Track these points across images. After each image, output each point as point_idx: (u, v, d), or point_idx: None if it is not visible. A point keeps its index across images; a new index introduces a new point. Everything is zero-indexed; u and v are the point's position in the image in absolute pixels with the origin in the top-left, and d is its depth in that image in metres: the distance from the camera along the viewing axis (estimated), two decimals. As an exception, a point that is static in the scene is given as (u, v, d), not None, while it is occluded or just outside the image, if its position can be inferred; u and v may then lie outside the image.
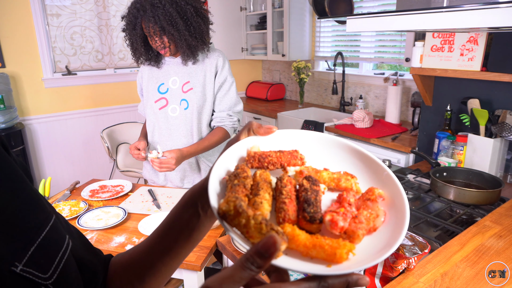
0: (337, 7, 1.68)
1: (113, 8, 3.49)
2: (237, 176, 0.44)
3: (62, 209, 1.66)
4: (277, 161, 0.48)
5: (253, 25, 4.14)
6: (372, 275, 0.99)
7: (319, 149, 0.53)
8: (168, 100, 1.84)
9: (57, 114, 3.39)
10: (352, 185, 0.48)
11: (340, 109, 3.39)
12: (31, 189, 0.43)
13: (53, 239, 0.43)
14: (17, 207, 0.40)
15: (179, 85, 1.83)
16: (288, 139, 0.53)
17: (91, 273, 0.50)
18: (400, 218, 0.42)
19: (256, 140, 0.51)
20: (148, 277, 0.55)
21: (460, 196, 1.47)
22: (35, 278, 0.38)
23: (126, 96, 3.72)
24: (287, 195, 0.44)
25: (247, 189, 0.43)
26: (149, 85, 1.89)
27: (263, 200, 0.43)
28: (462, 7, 0.83)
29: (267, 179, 0.47)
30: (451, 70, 1.88)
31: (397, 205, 0.44)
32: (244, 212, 0.37)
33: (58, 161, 3.47)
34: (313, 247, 0.38)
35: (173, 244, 0.53)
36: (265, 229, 0.36)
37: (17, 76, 3.13)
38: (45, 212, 0.43)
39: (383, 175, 0.48)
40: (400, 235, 0.40)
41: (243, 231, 0.37)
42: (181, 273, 1.40)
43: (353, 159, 0.52)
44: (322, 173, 0.49)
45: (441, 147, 1.90)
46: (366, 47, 3.27)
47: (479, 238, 1.16)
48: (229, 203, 0.37)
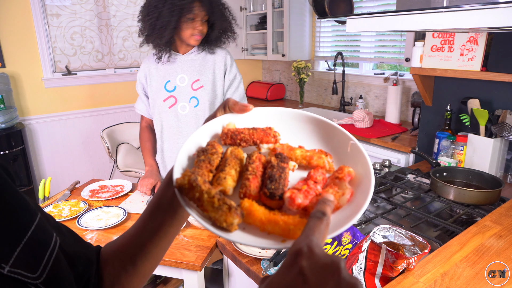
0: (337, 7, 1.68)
1: (113, 8, 3.49)
2: (204, 152, 0.46)
3: (62, 209, 1.66)
4: (250, 138, 0.49)
5: (253, 25, 4.14)
6: (372, 275, 0.99)
7: (296, 126, 0.53)
8: (177, 98, 1.83)
9: (57, 114, 3.39)
10: (324, 162, 0.48)
11: (340, 109, 3.39)
12: (13, 189, 0.42)
13: (40, 239, 0.42)
14: (0, 209, 0.39)
15: (188, 83, 1.82)
16: (266, 117, 0.53)
17: (84, 265, 0.51)
18: (363, 196, 0.42)
19: (233, 117, 0.51)
20: (139, 259, 0.56)
21: (460, 196, 1.47)
22: (24, 278, 0.38)
23: (126, 96, 3.72)
24: (252, 171, 0.44)
25: (212, 165, 0.44)
26: (153, 83, 1.86)
27: (227, 175, 0.43)
28: (462, 7, 0.83)
29: (238, 156, 0.47)
30: (451, 70, 1.88)
31: (364, 182, 0.44)
32: (198, 186, 0.38)
33: (58, 161, 3.47)
34: (268, 222, 0.39)
35: (161, 224, 0.54)
36: (217, 203, 0.37)
37: (17, 76, 3.13)
38: (29, 212, 0.43)
39: (354, 149, 0.48)
40: (359, 211, 0.40)
41: (198, 204, 0.39)
42: (181, 273, 1.40)
43: (328, 135, 0.51)
44: (295, 151, 0.49)
45: (441, 147, 1.90)
46: (366, 47, 3.27)
47: (479, 238, 1.15)
48: (185, 177, 0.39)
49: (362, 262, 0.99)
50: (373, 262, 0.98)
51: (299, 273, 0.30)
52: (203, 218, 0.39)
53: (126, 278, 0.56)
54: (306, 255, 0.31)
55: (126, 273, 0.56)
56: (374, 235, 1.02)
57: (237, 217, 0.38)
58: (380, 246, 0.97)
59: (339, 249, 1.08)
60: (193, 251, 1.40)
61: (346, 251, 1.07)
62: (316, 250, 0.31)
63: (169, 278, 1.92)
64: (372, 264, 0.99)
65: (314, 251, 0.31)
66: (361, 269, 0.99)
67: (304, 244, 0.32)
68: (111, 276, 0.56)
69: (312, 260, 0.31)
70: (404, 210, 1.47)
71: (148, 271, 0.58)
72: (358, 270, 0.99)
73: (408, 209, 1.46)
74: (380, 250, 0.97)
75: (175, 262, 1.35)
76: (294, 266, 0.31)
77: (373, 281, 0.99)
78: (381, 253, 0.97)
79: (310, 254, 0.31)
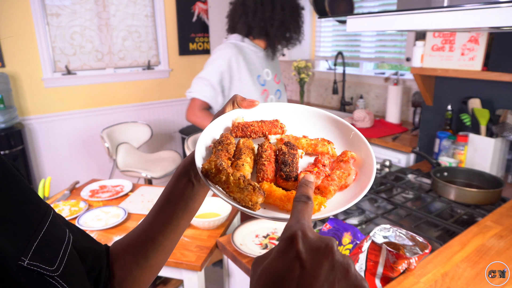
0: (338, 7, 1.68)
1: (113, 8, 3.49)
2: (221, 143, 0.49)
3: (62, 209, 1.65)
4: (259, 130, 0.53)
5: (253, 25, 4.14)
6: (373, 275, 0.99)
7: (299, 119, 0.58)
8: (269, 92, 1.98)
9: (57, 114, 3.38)
10: (328, 149, 0.52)
11: (341, 109, 3.39)
12: (26, 186, 0.44)
13: (55, 234, 0.44)
14: (15, 205, 0.41)
15: (271, 77, 2.01)
16: (271, 111, 0.58)
17: (94, 260, 0.52)
18: (368, 175, 0.47)
19: (240, 112, 0.56)
20: (151, 252, 0.57)
21: (461, 196, 1.47)
22: (43, 271, 0.39)
23: (126, 96, 3.71)
24: (266, 158, 0.49)
25: (229, 153, 0.48)
26: (243, 75, 1.86)
27: (244, 162, 0.48)
28: (462, 7, 0.83)
29: (250, 146, 0.52)
30: (452, 69, 1.88)
31: (366, 164, 0.50)
32: (224, 169, 0.42)
33: (58, 161, 3.46)
34: (288, 200, 0.43)
35: (171, 216, 0.56)
36: (243, 184, 0.41)
37: (17, 76, 3.13)
38: (42, 208, 0.45)
39: (354, 138, 0.54)
40: (366, 187, 0.45)
41: (223, 187, 0.43)
42: (181, 273, 1.40)
43: (330, 126, 0.57)
44: (301, 140, 0.54)
45: (442, 147, 1.90)
46: (367, 46, 3.27)
47: (480, 238, 1.15)
48: (211, 163, 0.43)
49: (363, 262, 0.99)
50: (374, 262, 0.98)
51: (295, 257, 0.31)
52: (228, 198, 0.42)
53: (138, 272, 0.58)
54: (301, 239, 0.32)
55: (138, 266, 0.58)
56: (375, 235, 1.01)
57: (261, 196, 0.41)
58: (381, 246, 0.96)
59: (340, 249, 1.08)
60: (193, 251, 1.39)
61: (347, 251, 1.06)
62: (309, 234, 0.32)
63: (169, 278, 1.92)
64: (372, 264, 0.98)
65: (307, 235, 0.32)
66: (362, 269, 0.99)
67: (297, 228, 0.33)
68: (122, 270, 0.57)
69: (307, 244, 0.32)
70: (405, 210, 1.47)
71: (160, 263, 0.60)
72: (358, 270, 0.98)
73: (409, 209, 1.46)
74: (380, 250, 0.97)
75: (175, 262, 1.34)
76: (291, 250, 0.31)
77: (373, 281, 0.98)
78: (381, 253, 0.96)
79: (304, 238, 0.32)
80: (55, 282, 0.40)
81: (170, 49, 3.83)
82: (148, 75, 3.78)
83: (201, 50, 3.97)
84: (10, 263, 0.37)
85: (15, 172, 0.44)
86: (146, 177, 2.84)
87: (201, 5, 3.91)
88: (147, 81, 3.80)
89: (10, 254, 0.37)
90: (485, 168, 1.73)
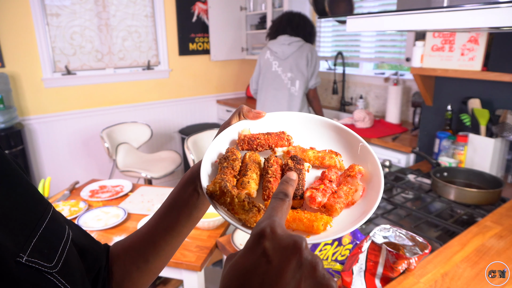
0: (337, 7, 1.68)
1: (112, 8, 3.48)
2: (226, 159, 0.49)
3: (61, 209, 1.65)
4: (265, 143, 0.52)
5: (253, 25, 4.14)
6: (373, 276, 0.99)
7: (306, 128, 0.57)
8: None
9: (57, 114, 3.38)
10: (335, 162, 0.51)
11: (341, 109, 3.39)
12: (27, 182, 0.44)
13: (54, 230, 0.44)
14: (15, 201, 0.41)
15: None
16: (278, 121, 0.57)
17: (93, 259, 0.52)
18: (376, 190, 0.46)
19: (246, 123, 0.55)
20: (152, 256, 0.57)
21: (461, 196, 1.47)
22: (41, 267, 0.39)
23: (126, 96, 3.71)
24: (272, 174, 0.48)
25: (235, 170, 0.48)
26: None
27: (250, 179, 0.47)
28: (462, 7, 0.83)
29: (256, 160, 0.51)
30: (452, 70, 1.88)
31: (374, 178, 0.49)
32: (229, 191, 0.42)
33: (58, 161, 3.46)
34: (293, 220, 0.42)
35: (175, 223, 0.56)
36: (247, 206, 0.41)
37: (17, 76, 3.13)
38: (43, 204, 0.45)
39: (362, 150, 0.53)
40: (374, 205, 0.44)
41: (228, 208, 0.43)
42: (181, 273, 1.40)
43: (337, 136, 0.56)
44: (308, 152, 0.53)
45: (441, 147, 1.90)
46: (367, 47, 3.27)
47: (480, 238, 1.15)
48: (215, 184, 0.43)
49: (363, 262, 0.99)
50: (374, 262, 0.98)
51: (262, 254, 0.31)
52: (233, 219, 0.42)
53: (137, 274, 0.58)
54: (269, 236, 0.31)
55: (137, 269, 0.58)
56: (375, 235, 1.01)
57: None
58: (381, 247, 0.96)
59: (340, 249, 1.08)
60: (193, 251, 1.39)
61: (347, 251, 1.06)
62: (278, 231, 0.32)
63: (169, 278, 1.92)
64: (372, 264, 0.98)
65: (276, 232, 0.32)
66: (362, 269, 0.99)
67: (266, 225, 0.32)
68: (121, 272, 0.57)
69: (275, 241, 0.31)
70: (405, 210, 1.47)
71: (159, 267, 0.60)
72: (358, 270, 0.98)
73: (409, 209, 1.46)
74: (380, 250, 0.97)
75: (175, 262, 1.34)
76: (258, 247, 0.31)
77: (373, 281, 0.98)
78: (381, 253, 0.96)
79: (273, 235, 0.32)
80: (53, 278, 0.40)
81: (170, 49, 3.83)
82: (148, 75, 3.78)
83: (201, 50, 3.97)
84: (9, 259, 0.36)
85: (16, 168, 0.44)
86: (146, 177, 2.84)
87: (201, 5, 3.91)
88: (147, 81, 3.79)
89: (9, 250, 0.37)
90: (485, 168, 1.73)
